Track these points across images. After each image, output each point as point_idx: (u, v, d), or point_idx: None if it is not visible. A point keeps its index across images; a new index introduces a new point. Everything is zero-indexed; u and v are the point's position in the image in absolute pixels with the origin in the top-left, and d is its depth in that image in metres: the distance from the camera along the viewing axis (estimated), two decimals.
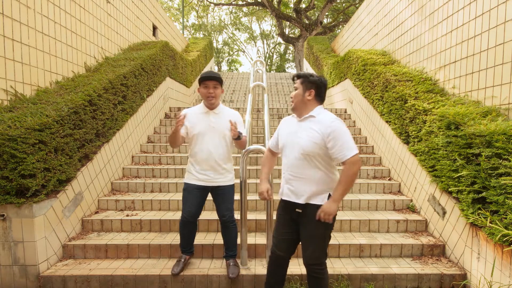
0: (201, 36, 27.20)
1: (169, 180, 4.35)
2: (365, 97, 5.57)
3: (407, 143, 4.11)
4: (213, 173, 2.66)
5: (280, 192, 2.24)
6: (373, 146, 5.25)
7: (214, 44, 29.36)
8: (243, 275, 2.80)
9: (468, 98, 3.59)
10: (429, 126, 3.47)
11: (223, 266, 2.94)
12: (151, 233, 3.44)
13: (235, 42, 32.01)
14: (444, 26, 4.12)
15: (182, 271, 2.81)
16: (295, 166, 2.09)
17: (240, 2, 19.83)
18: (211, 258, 3.14)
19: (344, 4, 18.12)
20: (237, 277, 2.73)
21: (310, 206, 2.06)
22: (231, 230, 2.79)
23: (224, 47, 31.75)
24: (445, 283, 2.81)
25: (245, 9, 25.04)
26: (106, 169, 4.04)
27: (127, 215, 3.61)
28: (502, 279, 2.35)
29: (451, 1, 3.97)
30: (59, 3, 4.07)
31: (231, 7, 25.36)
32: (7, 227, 2.70)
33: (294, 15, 16.39)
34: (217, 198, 2.74)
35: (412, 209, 3.83)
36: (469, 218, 2.72)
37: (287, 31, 24.03)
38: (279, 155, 2.34)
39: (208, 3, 21.46)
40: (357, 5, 16.03)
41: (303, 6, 17.36)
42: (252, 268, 2.89)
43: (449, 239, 3.10)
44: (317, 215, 2.01)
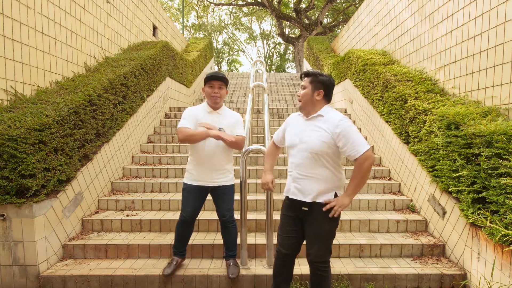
0: (201, 36, 27.21)
1: (169, 180, 4.35)
2: (365, 97, 5.57)
3: (407, 143, 4.11)
4: (214, 173, 2.67)
5: (285, 190, 2.24)
6: (373, 146, 5.24)
7: (214, 44, 29.38)
8: (243, 275, 2.80)
9: (468, 98, 3.59)
10: (429, 126, 3.47)
11: (223, 266, 2.94)
12: (151, 233, 3.44)
13: (235, 42, 32.03)
14: (444, 26, 4.12)
15: (174, 273, 2.79)
16: (303, 165, 2.10)
17: (240, 2, 19.83)
18: (211, 258, 3.14)
19: (344, 4, 18.13)
20: (237, 277, 2.73)
21: (316, 205, 2.08)
22: (231, 230, 2.79)
23: (224, 47, 31.78)
24: (445, 283, 2.81)
25: (245, 9, 25.07)
26: (106, 169, 4.04)
27: (127, 215, 3.61)
28: (502, 279, 2.35)
29: (451, 1, 3.97)
30: (59, 3, 4.07)
31: (231, 7, 25.39)
32: (7, 227, 2.70)
33: (294, 15, 16.40)
34: (217, 198, 2.74)
35: (412, 209, 3.83)
36: (469, 218, 2.72)
37: (287, 31, 24.04)
38: (284, 153, 2.34)
39: (208, 3, 21.47)
40: (357, 5, 16.04)
41: (303, 6, 17.37)
42: (252, 268, 2.89)
43: (449, 239, 3.11)
44: (329, 205, 2.04)
